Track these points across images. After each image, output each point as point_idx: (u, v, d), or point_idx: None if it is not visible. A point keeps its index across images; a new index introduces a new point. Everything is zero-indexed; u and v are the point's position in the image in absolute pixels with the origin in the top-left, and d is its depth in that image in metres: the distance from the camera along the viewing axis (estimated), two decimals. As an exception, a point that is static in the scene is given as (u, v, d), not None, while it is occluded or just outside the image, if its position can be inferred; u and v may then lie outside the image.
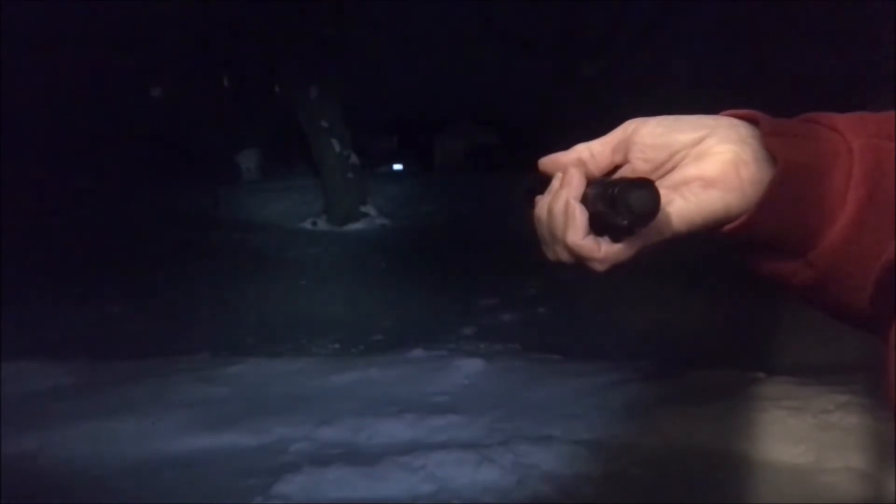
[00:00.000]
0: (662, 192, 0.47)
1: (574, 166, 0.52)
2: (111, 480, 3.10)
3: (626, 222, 0.46)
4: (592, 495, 2.89)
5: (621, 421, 3.45)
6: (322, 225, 15.40)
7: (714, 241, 0.52)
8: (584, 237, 0.49)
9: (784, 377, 3.86)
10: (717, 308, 6.50)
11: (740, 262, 0.55)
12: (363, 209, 16.17)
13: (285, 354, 5.09)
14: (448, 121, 35.70)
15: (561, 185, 0.51)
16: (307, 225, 15.39)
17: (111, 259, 10.22)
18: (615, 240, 0.49)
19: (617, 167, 0.53)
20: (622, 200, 0.45)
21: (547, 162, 0.54)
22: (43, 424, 3.57)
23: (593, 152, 0.53)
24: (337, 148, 16.00)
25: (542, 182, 0.54)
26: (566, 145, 0.55)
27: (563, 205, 0.50)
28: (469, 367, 4.40)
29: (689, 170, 0.50)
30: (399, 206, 17.12)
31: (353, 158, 16.31)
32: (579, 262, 0.51)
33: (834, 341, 5.13)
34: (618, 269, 0.51)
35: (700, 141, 0.50)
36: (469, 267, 9.74)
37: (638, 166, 0.52)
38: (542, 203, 0.53)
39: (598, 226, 0.49)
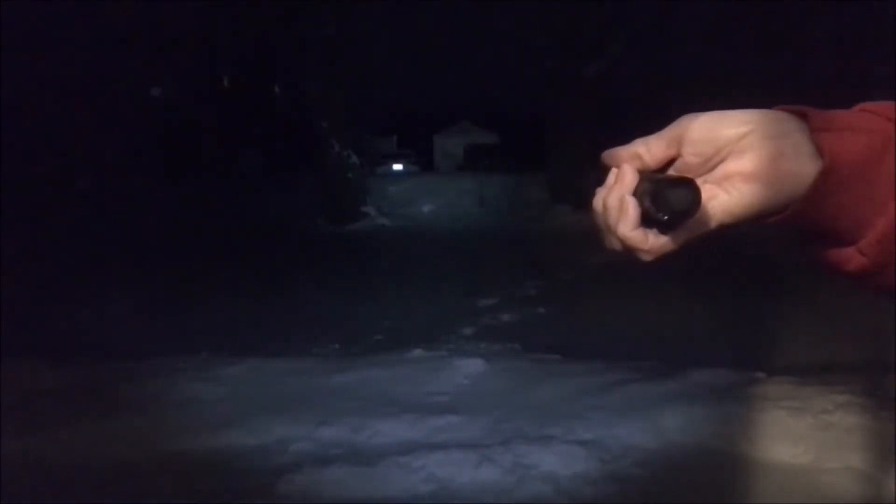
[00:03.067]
0: (707, 186, 0.52)
1: (630, 161, 0.55)
2: (111, 480, 3.10)
3: (665, 218, 0.50)
4: (592, 495, 2.89)
5: (621, 421, 3.44)
6: (322, 225, 15.40)
7: (769, 228, 0.54)
8: (634, 230, 0.52)
9: (784, 377, 3.86)
10: (717, 308, 6.50)
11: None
12: (363, 209, 16.18)
13: (285, 354, 5.08)
14: (448, 121, 35.71)
15: (615, 181, 0.54)
16: (307, 225, 15.39)
17: (111, 259, 10.22)
18: (662, 232, 0.52)
19: (672, 160, 0.55)
20: (663, 197, 0.49)
21: (607, 155, 0.57)
22: (43, 424, 3.57)
23: (649, 147, 0.55)
24: (337, 148, 16.00)
25: (604, 174, 0.58)
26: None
27: (616, 199, 0.53)
28: (469, 367, 4.39)
29: (732, 164, 0.52)
30: (399, 206, 17.14)
31: (353, 158, 16.32)
32: (629, 252, 0.54)
33: (834, 341, 5.13)
34: (665, 259, 0.54)
35: (744, 136, 0.52)
36: (469, 267, 9.74)
37: (689, 160, 0.54)
38: (599, 196, 0.56)
39: (646, 218, 0.52)
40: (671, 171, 0.54)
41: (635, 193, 0.52)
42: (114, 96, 17.51)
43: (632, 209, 0.52)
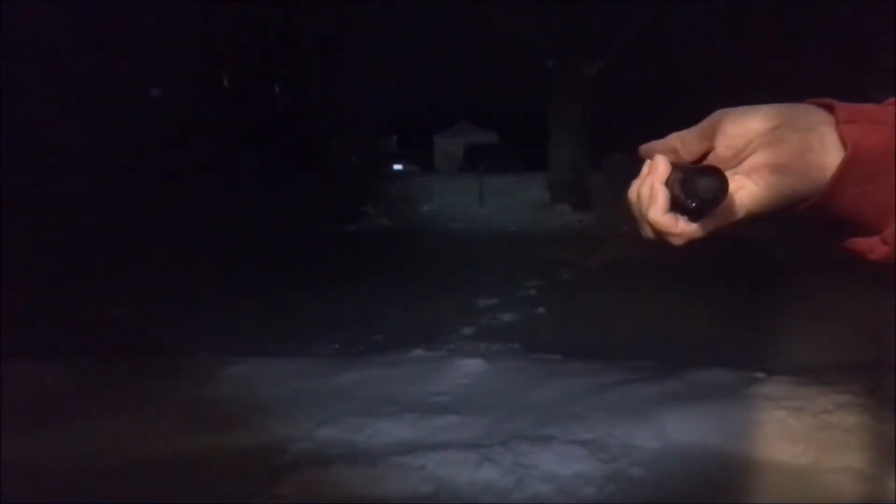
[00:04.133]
0: (737, 177, 0.55)
1: (665, 154, 0.57)
2: (111, 480, 3.10)
3: (694, 205, 0.53)
4: (592, 495, 2.89)
5: (621, 421, 3.44)
6: (322, 225, 15.40)
7: (794, 218, 0.57)
8: (664, 215, 0.55)
9: (784, 377, 3.86)
10: (717, 308, 6.50)
11: (817, 238, 0.59)
12: (363, 209, 16.19)
13: (285, 354, 5.08)
14: (448, 121, 35.72)
15: (648, 172, 0.57)
16: (307, 225, 15.39)
17: (111, 259, 10.22)
18: (692, 220, 0.55)
19: (706, 153, 0.58)
20: (692, 186, 0.52)
21: (644, 148, 0.60)
22: (43, 424, 3.57)
23: (684, 140, 0.58)
24: (337, 148, 16.01)
25: (639, 167, 0.61)
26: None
27: (648, 188, 0.56)
28: (469, 367, 4.39)
29: (761, 156, 0.55)
30: (399, 206, 17.12)
31: (353, 158, 16.33)
32: (661, 238, 0.57)
33: (834, 341, 5.13)
34: (695, 245, 0.57)
35: (773, 129, 0.54)
36: (469, 267, 9.74)
37: (721, 153, 0.56)
38: (634, 187, 0.58)
39: (677, 206, 0.55)
40: (705, 164, 0.56)
41: (667, 183, 0.55)
42: (114, 96, 17.50)
43: (661, 196, 0.55)
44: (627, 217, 0.59)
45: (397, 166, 27.78)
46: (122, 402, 3.92)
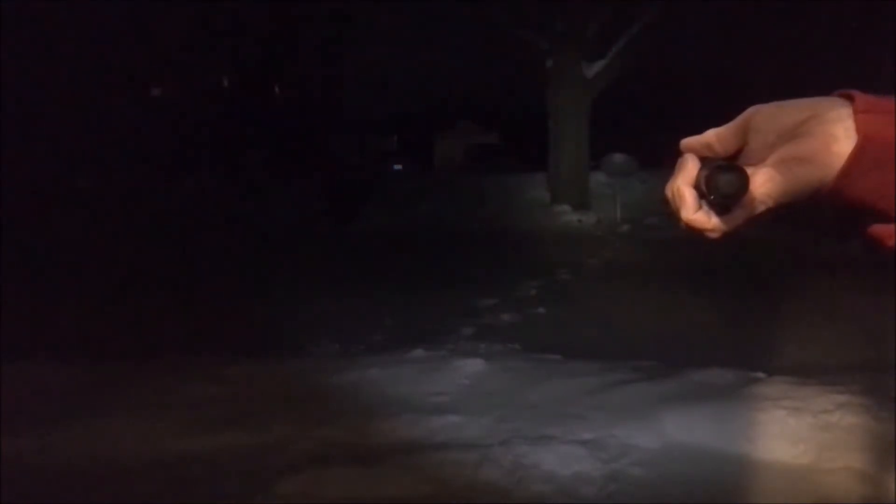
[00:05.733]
0: (765, 170, 0.57)
1: (701, 150, 0.60)
2: (111, 480, 3.10)
3: (716, 201, 0.56)
4: (592, 495, 2.89)
5: (621, 421, 3.44)
6: (322, 225, 15.41)
7: (816, 207, 0.60)
8: (695, 213, 0.58)
9: (784, 377, 3.86)
10: (717, 308, 6.50)
11: (832, 229, 0.61)
12: (363, 209, 16.20)
13: (285, 354, 5.08)
14: (448, 121, 35.74)
15: (679, 170, 0.60)
16: (308, 225, 15.41)
17: (111, 259, 10.22)
18: (720, 213, 0.58)
19: (742, 148, 0.60)
20: (713, 182, 0.55)
21: (684, 144, 0.62)
22: (43, 424, 3.57)
23: (720, 136, 0.60)
24: (337, 148, 16.02)
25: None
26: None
27: (676, 188, 0.59)
28: (469, 367, 4.39)
29: (790, 149, 0.57)
30: (399, 206, 17.12)
31: (353, 158, 16.33)
32: (696, 233, 0.59)
33: (834, 341, 5.13)
34: (730, 236, 0.59)
35: (803, 122, 0.56)
36: (469, 267, 9.73)
37: (754, 147, 0.59)
38: (669, 184, 0.61)
39: (705, 202, 0.58)
40: (741, 158, 0.59)
41: (696, 179, 0.58)
42: (114, 96, 17.51)
43: (687, 195, 0.58)
44: (666, 211, 0.61)
45: (397, 166, 27.80)
46: (122, 402, 3.92)
